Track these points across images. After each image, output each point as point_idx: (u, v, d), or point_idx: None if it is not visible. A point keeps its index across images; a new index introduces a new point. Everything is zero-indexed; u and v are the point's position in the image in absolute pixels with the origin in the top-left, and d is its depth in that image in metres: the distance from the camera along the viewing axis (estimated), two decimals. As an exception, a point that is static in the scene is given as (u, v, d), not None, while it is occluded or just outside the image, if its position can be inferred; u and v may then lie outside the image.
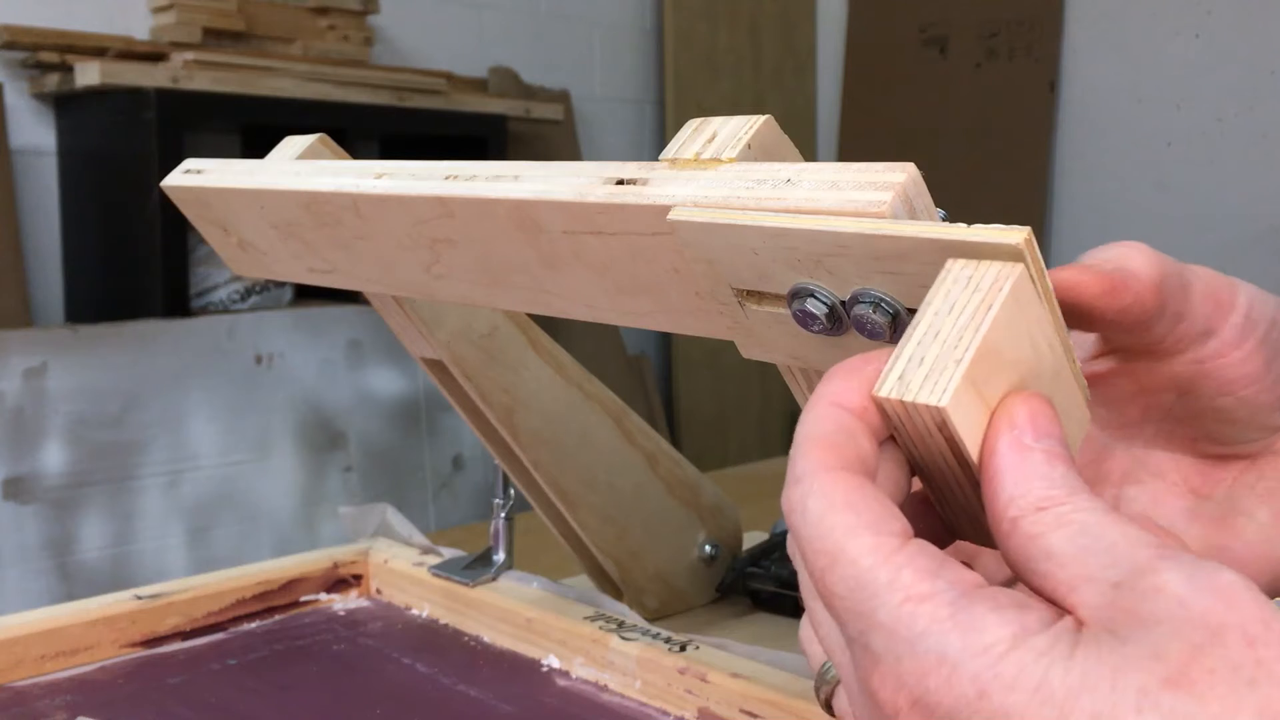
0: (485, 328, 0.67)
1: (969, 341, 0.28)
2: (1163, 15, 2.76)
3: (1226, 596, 0.25)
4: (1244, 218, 2.66)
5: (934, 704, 0.25)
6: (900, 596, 0.26)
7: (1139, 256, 0.35)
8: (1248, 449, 0.39)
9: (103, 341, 1.86)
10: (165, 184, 0.60)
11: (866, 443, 0.29)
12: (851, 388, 0.30)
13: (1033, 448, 0.28)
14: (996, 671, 0.25)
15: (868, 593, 0.26)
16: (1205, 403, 0.38)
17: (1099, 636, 0.25)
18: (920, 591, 0.26)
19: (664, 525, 0.75)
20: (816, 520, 0.27)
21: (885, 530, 0.27)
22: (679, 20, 3.04)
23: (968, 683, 0.25)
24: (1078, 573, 0.26)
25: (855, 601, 0.27)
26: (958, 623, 0.25)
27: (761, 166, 0.36)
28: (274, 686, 0.65)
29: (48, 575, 1.79)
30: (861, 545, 0.27)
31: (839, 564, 0.27)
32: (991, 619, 0.25)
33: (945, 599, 0.26)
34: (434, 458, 2.26)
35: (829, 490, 0.28)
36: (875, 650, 0.26)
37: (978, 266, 0.29)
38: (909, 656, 0.26)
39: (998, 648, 0.25)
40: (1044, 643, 0.25)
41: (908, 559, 0.26)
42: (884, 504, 0.28)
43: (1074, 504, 0.27)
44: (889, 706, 0.26)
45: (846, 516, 0.27)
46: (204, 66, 2.03)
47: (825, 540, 0.27)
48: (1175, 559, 0.26)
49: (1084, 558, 0.26)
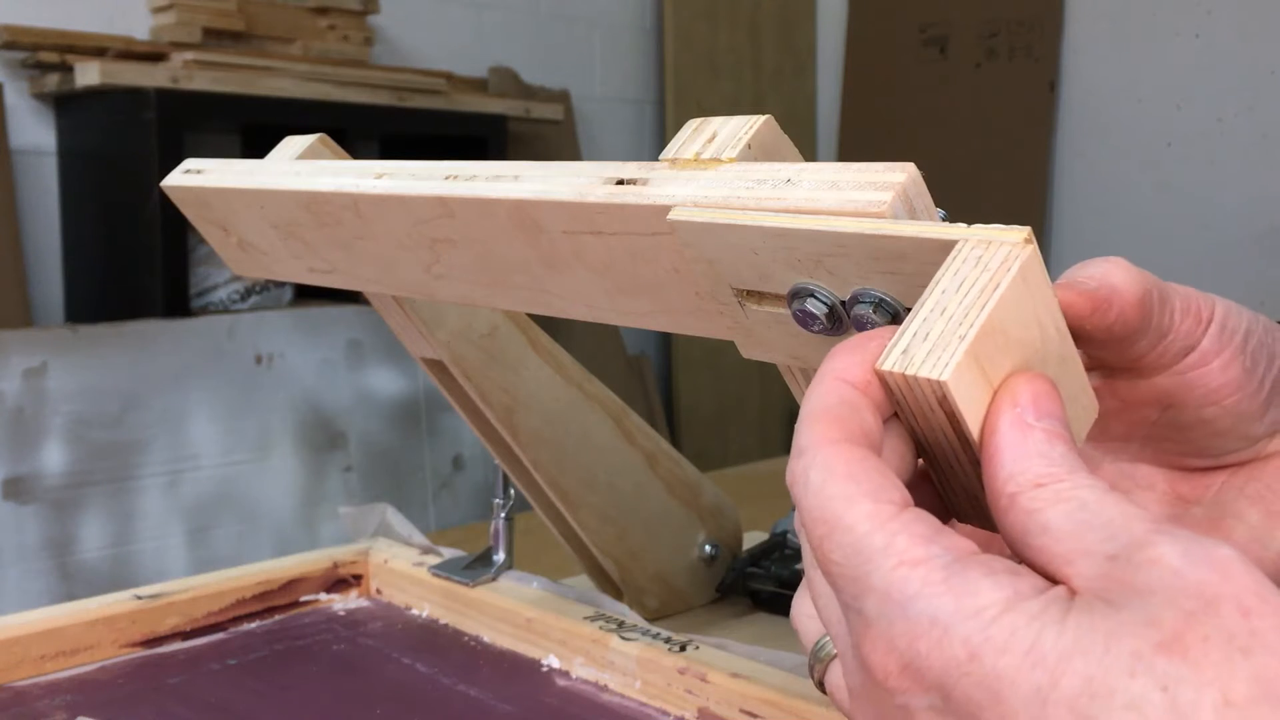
0: (485, 328, 0.67)
1: (974, 318, 0.28)
2: (1163, 15, 2.76)
3: (1222, 569, 0.25)
4: (1244, 218, 2.66)
5: (924, 667, 0.25)
6: (894, 561, 0.26)
7: (1120, 272, 0.36)
8: (1235, 458, 0.40)
9: (103, 341, 1.86)
10: (165, 184, 0.60)
11: (870, 417, 0.29)
12: (855, 363, 0.30)
13: (1034, 426, 0.28)
14: (988, 634, 0.25)
15: (862, 558, 0.27)
16: (1191, 414, 0.38)
17: (1092, 604, 0.25)
18: (914, 556, 0.26)
19: (664, 525, 0.75)
20: (817, 490, 0.28)
21: (883, 498, 0.27)
22: (679, 20, 3.04)
23: (959, 645, 0.25)
24: (1074, 547, 0.26)
25: (850, 567, 0.27)
26: (950, 586, 0.26)
27: (761, 166, 0.36)
28: (274, 686, 0.65)
29: (48, 575, 1.79)
30: (859, 512, 0.27)
31: (836, 531, 0.27)
32: (985, 583, 0.25)
33: (939, 564, 0.26)
34: (434, 458, 2.26)
35: (831, 461, 0.28)
36: (868, 615, 0.27)
37: (988, 247, 0.29)
38: (901, 620, 0.26)
39: (990, 610, 0.25)
40: (1037, 607, 0.25)
41: (903, 525, 0.27)
42: (884, 474, 0.28)
43: (1072, 481, 0.28)
44: (880, 671, 0.26)
45: (846, 486, 0.28)
46: (204, 66, 2.03)
47: (824, 509, 0.28)
48: (1171, 533, 0.26)
49: (1081, 533, 0.27)
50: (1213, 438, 0.39)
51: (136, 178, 2.00)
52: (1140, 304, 0.35)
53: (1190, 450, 0.40)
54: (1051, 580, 0.27)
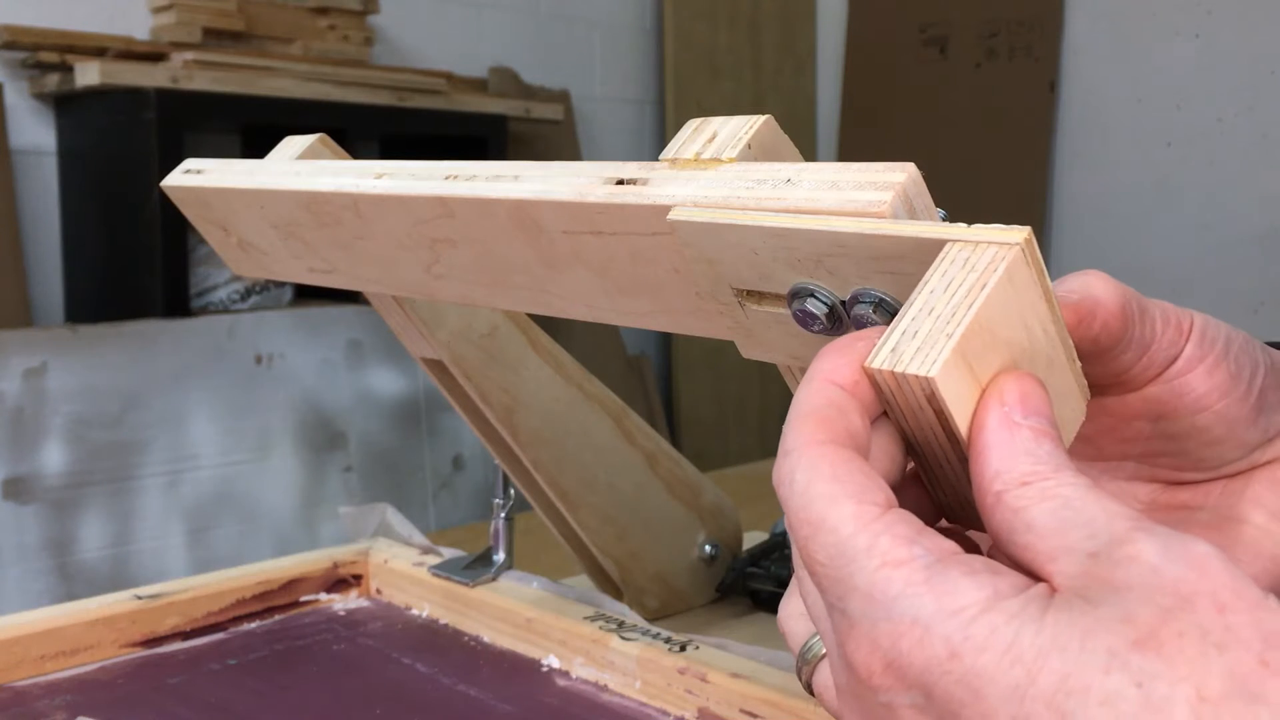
0: (485, 328, 0.67)
1: (962, 317, 0.28)
2: (1163, 15, 2.76)
3: (1199, 565, 0.25)
4: (1244, 218, 2.66)
5: (906, 665, 0.26)
6: (877, 562, 0.27)
7: (1100, 284, 0.36)
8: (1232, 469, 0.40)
9: (103, 341, 1.86)
10: (165, 184, 0.60)
11: (857, 419, 0.30)
12: (843, 364, 0.30)
13: (1021, 424, 0.29)
14: (968, 633, 0.25)
15: (846, 558, 0.27)
16: (1183, 423, 0.38)
17: (1071, 601, 0.25)
18: (897, 557, 0.26)
19: (664, 525, 0.75)
20: (802, 491, 0.28)
21: (867, 499, 0.28)
22: (679, 20, 3.04)
23: (940, 644, 0.25)
24: (1057, 544, 0.27)
25: (834, 568, 0.27)
26: (931, 586, 0.26)
27: (761, 166, 0.36)
28: (274, 686, 0.65)
29: (48, 575, 1.79)
30: (842, 513, 0.27)
31: (820, 532, 0.28)
32: (965, 583, 0.26)
33: (921, 564, 0.26)
34: (434, 458, 2.26)
35: (816, 463, 0.28)
36: (852, 615, 0.27)
37: (975, 249, 0.30)
38: (884, 620, 0.26)
39: (970, 610, 0.25)
40: (1016, 605, 0.25)
41: (885, 526, 0.27)
42: (869, 475, 0.28)
43: (1058, 479, 0.28)
44: (864, 670, 0.27)
45: (831, 487, 0.28)
46: (204, 66, 2.03)
47: (809, 510, 0.28)
48: (1151, 530, 0.26)
49: (1064, 530, 0.27)
50: (1208, 447, 0.39)
51: (136, 178, 2.00)
52: (1122, 313, 0.36)
53: (1187, 463, 0.40)
54: (1035, 578, 0.27)
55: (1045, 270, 0.30)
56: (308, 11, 2.28)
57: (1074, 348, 0.32)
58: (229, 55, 2.08)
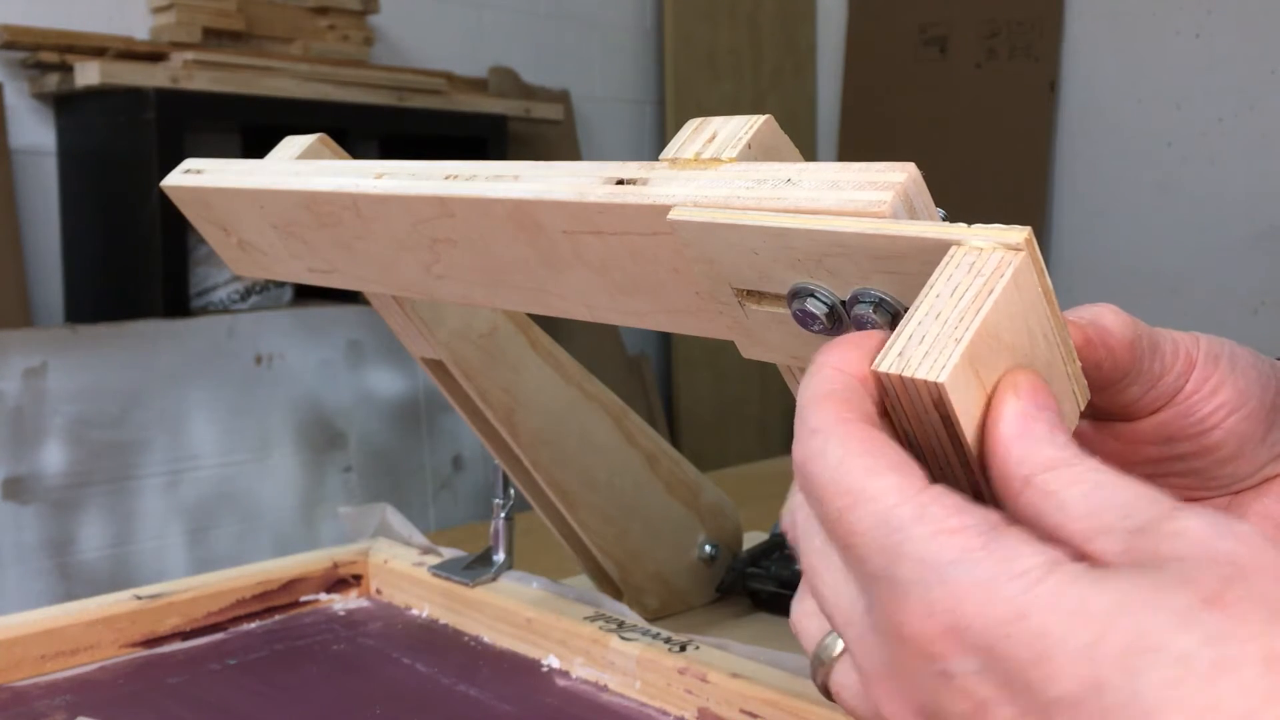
0: (485, 328, 0.67)
1: (970, 322, 0.29)
2: (1163, 15, 2.76)
3: (1248, 542, 0.25)
4: (1244, 218, 2.66)
5: (966, 628, 0.26)
6: (930, 529, 0.26)
7: (1111, 315, 0.36)
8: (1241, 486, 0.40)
9: (103, 341, 1.86)
10: (165, 184, 0.60)
11: (872, 407, 0.30)
12: (855, 357, 0.30)
13: (1037, 416, 0.29)
14: (1034, 594, 0.25)
15: (892, 527, 0.27)
16: (1193, 444, 0.38)
17: (1128, 570, 0.25)
18: (950, 525, 0.26)
19: (664, 525, 0.75)
20: (837, 464, 0.28)
21: (908, 472, 0.28)
22: (679, 20, 3.04)
23: (1004, 604, 0.25)
24: (1093, 525, 0.27)
25: (878, 536, 0.27)
26: (990, 551, 0.26)
27: (761, 166, 0.36)
28: (274, 686, 0.65)
29: (48, 575, 1.79)
30: (885, 484, 0.27)
31: (861, 502, 0.27)
32: (1024, 549, 0.26)
33: (976, 531, 0.26)
34: (434, 458, 2.26)
35: (848, 439, 0.28)
36: (903, 581, 0.27)
37: (980, 253, 0.30)
38: (939, 584, 0.26)
39: (1034, 573, 0.25)
40: (1078, 570, 0.25)
41: (932, 498, 0.27)
42: (901, 453, 0.28)
43: (1084, 465, 0.28)
44: (920, 638, 0.26)
45: (868, 460, 0.28)
46: (204, 66, 2.03)
47: (846, 480, 0.28)
48: (1193, 508, 0.26)
49: (1099, 512, 0.27)
50: (1220, 465, 0.39)
51: (136, 178, 2.00)
52: (1131, 347, 0.36)
53: (1199, 483, 0.40)
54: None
55: (1045, 270, 0.30)
56: (307, 11, 2.28)
57: (1074, 348, 0.32)
58: (229, 55, 2.08)
